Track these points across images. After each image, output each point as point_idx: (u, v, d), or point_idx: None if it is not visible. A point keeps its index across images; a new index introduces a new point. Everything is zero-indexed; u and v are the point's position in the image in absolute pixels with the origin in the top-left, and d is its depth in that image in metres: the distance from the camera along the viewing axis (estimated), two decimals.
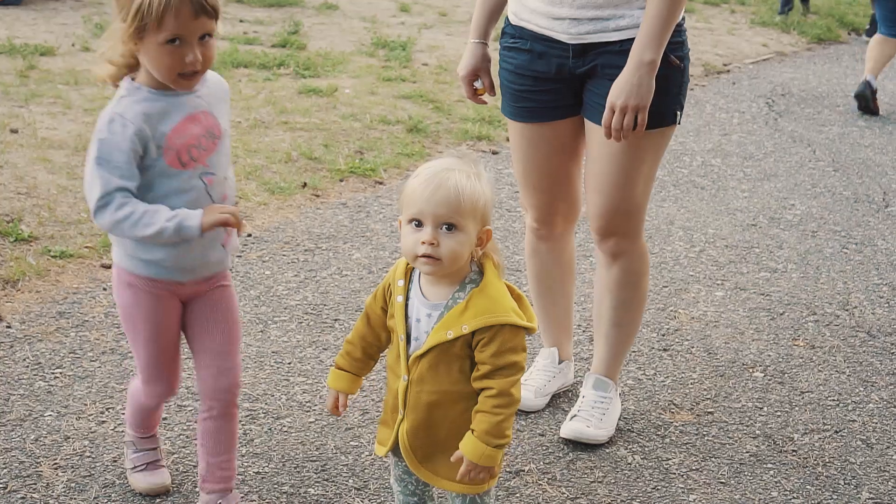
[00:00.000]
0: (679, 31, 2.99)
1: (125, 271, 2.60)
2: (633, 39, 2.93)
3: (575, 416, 3.31)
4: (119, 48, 2.44)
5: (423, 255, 2.18)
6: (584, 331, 4.00)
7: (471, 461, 2.22)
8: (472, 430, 2.23)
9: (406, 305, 2.30)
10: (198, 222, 2.42)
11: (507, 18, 3.21)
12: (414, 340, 2.28)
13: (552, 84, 3.12)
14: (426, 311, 2.27)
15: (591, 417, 3.29)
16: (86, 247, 4.38)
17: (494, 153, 6.26)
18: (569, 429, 3.27)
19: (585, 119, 3.15)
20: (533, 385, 3.46)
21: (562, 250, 3.45)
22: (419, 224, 2.19)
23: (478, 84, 3.27)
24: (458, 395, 2.27)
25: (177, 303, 2.66)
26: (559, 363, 3.53)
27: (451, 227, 2.18)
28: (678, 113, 3.06)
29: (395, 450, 2.38)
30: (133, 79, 2.47)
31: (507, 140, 6.54)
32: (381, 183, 5.57)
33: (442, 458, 2.31)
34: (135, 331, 2.66)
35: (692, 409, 3.52)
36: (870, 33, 9.32)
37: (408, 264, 2.31)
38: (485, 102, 3.37)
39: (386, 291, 2.36)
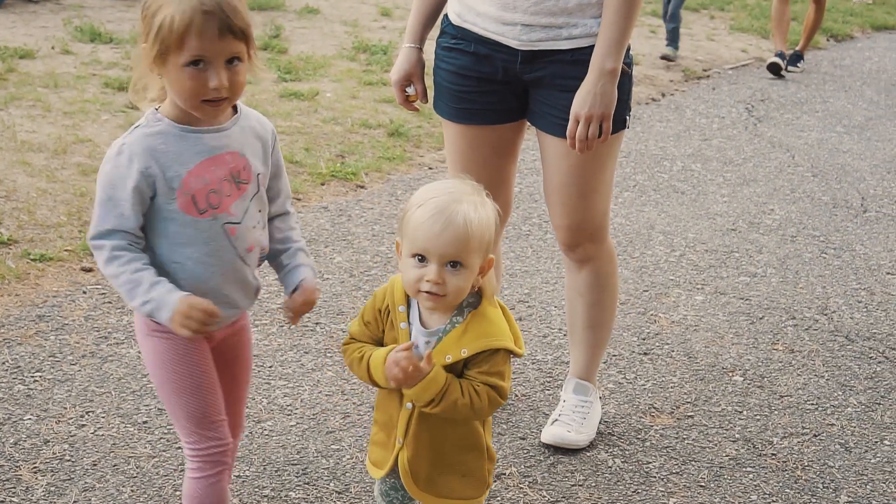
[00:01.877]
0: None
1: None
2: (584, 49, 2.90)
3: (556, 420, 3.32)
4: (147, 75, 2.23)
5: (427, 292, 2.13)
6: (564, 334, 4.01)
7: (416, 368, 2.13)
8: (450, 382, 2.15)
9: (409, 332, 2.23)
10: (168, 316, 2.16)
11: (446, 17, 3.12)
12: None
13: (497, 86, 3.05)
14: (424, 339, 2.21)
15: (571, 422, 3.29)
16: (66, 250, 4.37)
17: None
18: (550, 434, 3.28)
19: (537, 129, 3.10)
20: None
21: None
22: (423, 259, 2.13)
23: (410, 90, 3.18)
24: (460, 420, 2.25)
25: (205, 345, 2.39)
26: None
27: (456, 264, 2.12)
28: (627, 118, 3.05)
29: (390, 472, 2.34)
30: (157, 109, 2.24)
31: None
32: (362, 187, 5.57)
33: (441, 479, 2.29)
34: (171, 380, 2.34)
35: (672, 412, 3.54)
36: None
37: None
38: (416, 109, 3.28)
39: (381, 314, 2.27)
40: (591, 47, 2.89)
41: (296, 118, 6.51)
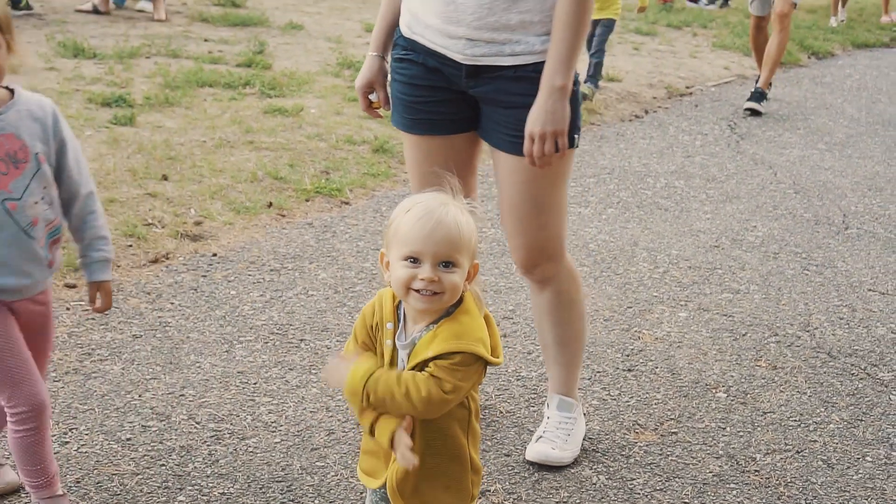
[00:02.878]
0: None
1: None
2: (526, 66, 2.92)
3: (541, 437, 3.32)
4: None
5: (421, 291, 2.13)
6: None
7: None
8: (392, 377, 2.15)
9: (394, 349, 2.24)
10: None
11: (398, 29, 3.14)
12: None
13: (449, 95, 3.07)
14: (405, 353, 2.22)
15: (556, 439, 3.30)
16: None
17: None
18: (534, 451, 3.28)
19: (489, 145, 3.13)
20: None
21: None
22: (415, 261, 2.14)
23: (373, 97, 3.25)
24: (444, 428, 2.24)
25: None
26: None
27: (448, 264, 2.14)
28: (576, 136, 3.03)
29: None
30: None
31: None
32: (346, 203, 5.58)
33: (427, 490, 2.28)
34: None
35: (656, 429, 3.55)
36: None
37: (395, 302, 2.25)
38: (380, 116, 3.34)
39: (373, 331, 2.27)
40: (534, 65, 2.92)
41: (280, 134, 6.52)
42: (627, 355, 4.07)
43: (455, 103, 3.08)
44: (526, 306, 4.43)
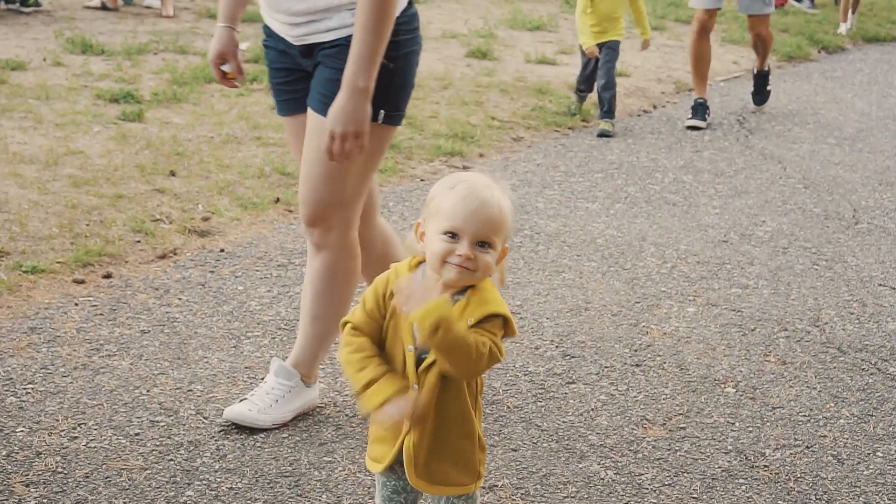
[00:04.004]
0: (396, 30, 3.02)
1: None
2: (342, 38, 3.04)
3: (245, 398, 3.34)
4: None
5: (457, 265, 2.17)
6: (557, 346, 4.01)
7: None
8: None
9: None
10: None
11: None
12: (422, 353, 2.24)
13: (296, 76, 3.23)
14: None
15: (259, 402, 3.30)
16: (57, 262, 4.36)
17: (466, 169, 6.27)
18: (231, 410, 3.30)
19: (307, 105, 3.21)
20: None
21: (373, 242, 3.48)
22: (454, 236, 2.18)
23: (226, 68, 3.35)
24: (462, 402, 2.27)
25: None
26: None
27: (484, 244, 2.19)
28: (382, 112, 3.09)
29: (390, 467, 2.34)
30: None
31: (481, 156, 6.57)
32: None
33: (437, 465, 2.30)
34: None
35: (664, 424, 3.54)
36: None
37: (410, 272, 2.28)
38: (235, 86, 3.49)
39: (384, 299, 2.28)
40: (347, 37, 3.02)
41: None
42: (635, 350, 4.06)
43: (302, 83, 3.23)
44: (533, 302, 4.42)
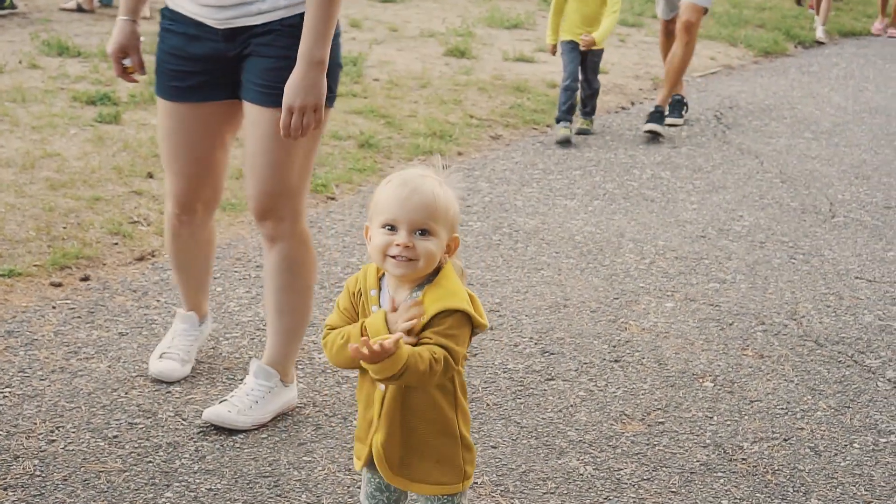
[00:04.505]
0: None
1: None
2: (275, 22, 3.07)
3: (225, 400, 3.34)
4: None
5: (397, 257, 2.17)
6: (536, 343, 4.02)
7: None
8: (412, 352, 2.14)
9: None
10: None
11: (166, 1, 3.26)
12: None
13: (207, 65, 3.19)
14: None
15: (239, 403, 3.31)
16: (34, 265, 4.35)
17: (445, 167, 6.27)
18: (210, 411, 3.30)
19: (243, 100, 3.22)
20: (178, 353, 3.57)
21: (201, 231, 3.53)
22: (392, 228, 2.19)
23: (127, 62, 3.33)
24: (431, 397, 2.26)
25: None
26: (199, 325, 3.66)
27: (424, 232, 2.19)
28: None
29: (370, 464, 2.35)
30: None
31: (459, 154, 6.57)
32: (332, 198, 5.57)
33: (417, 463, 2.30)
34: None
35: (643, 419, 3.55)
36: None
37: (378, 274, 2.29)
38: (135, 81, 3.45)
39: (355, 297, 2.31)
40: (280, 20, 3.07)
41: None
42: (614, 346, 4.07)
43: (210, 73, 3.21)
44: (512, 299, 4.43)
